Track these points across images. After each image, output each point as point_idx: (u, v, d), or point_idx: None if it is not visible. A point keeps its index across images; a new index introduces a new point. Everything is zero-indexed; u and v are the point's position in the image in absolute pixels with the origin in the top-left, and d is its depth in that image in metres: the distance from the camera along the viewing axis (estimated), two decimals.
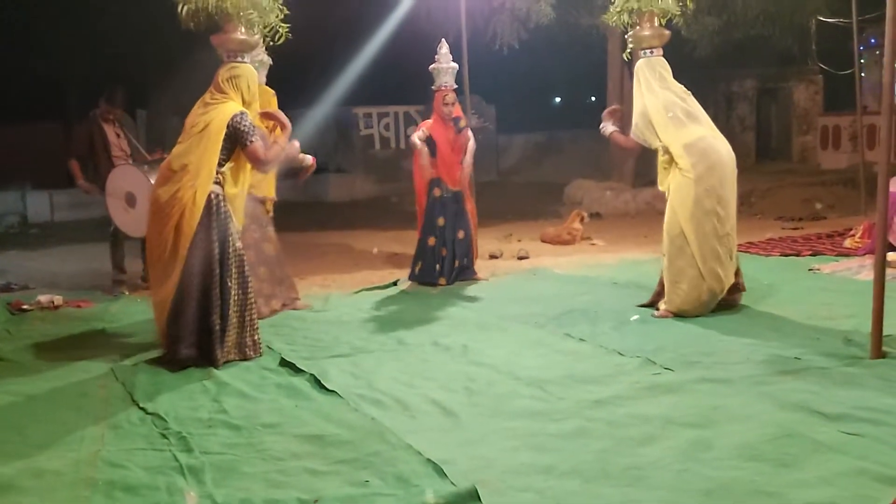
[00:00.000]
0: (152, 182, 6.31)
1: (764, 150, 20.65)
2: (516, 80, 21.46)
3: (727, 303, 6.25)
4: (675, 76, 6.42)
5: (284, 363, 5.19)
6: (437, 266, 7.93)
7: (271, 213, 6.97)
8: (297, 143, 6.32)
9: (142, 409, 4.43)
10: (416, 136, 7.88)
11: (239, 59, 5.49)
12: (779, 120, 20.84)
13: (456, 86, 8.10)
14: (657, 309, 6.25)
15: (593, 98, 26.75)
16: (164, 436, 4.01)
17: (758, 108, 20.71)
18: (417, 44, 14.70)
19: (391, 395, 4.47)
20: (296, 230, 11.08)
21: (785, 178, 16.43)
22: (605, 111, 6.90)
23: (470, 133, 8.07)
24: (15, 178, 16.92)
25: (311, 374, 4.85)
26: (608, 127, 6.78)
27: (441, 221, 7.98)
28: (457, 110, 8.08)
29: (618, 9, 6.50)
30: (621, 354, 5.15)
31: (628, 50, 6.85)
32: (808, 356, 4.95)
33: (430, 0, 12.51)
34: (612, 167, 15.36)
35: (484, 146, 18.53)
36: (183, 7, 5.37)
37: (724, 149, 6.16)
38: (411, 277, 8.03)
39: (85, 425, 4.21)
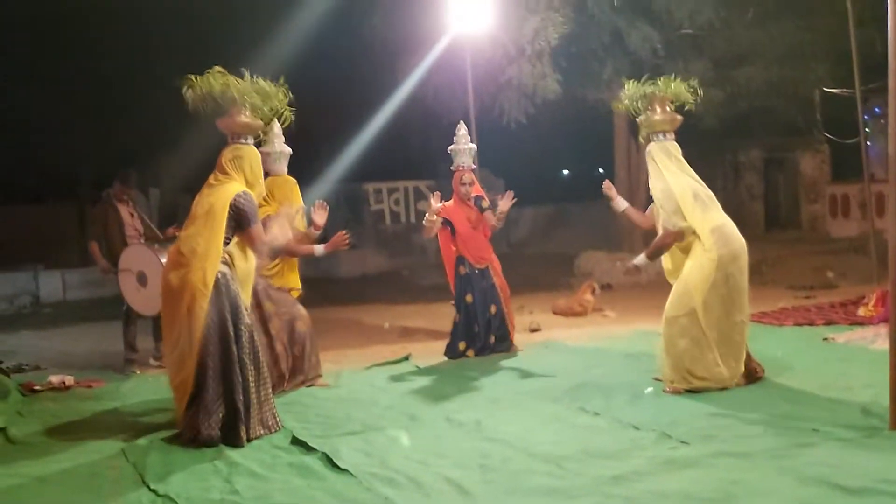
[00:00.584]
0: (163, 261, 6.51)
1: (773, 219, 20.75)
2: (524, 153, 21.67)
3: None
4: (683, 146, 6.41)
5: (296, 441, 5.14)
6: (466, 342, 8.07)
7: (298, 294, 7.10)
8: (319, 249, 6.62)
9: (152, 490, 4.38)
10: (427, 219, 8.02)
11: (242, 140, 5.61)
12: (787, 189, 20.97)
13: (474, 166, 8.31)
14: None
15: (601, 170, 27.00)
16: None
17: (765, 178, 20.88)
18: (426, 120, 14.99)
19: (404, 474, 4.41)
20: (307, 306, 11.00)
21: (795, 246, 16.46)
22: (605, 187, 6.90)
23: (490, 213, 8.11)
24: (28, 258, 17.08)
25: (323, 453, 4.80)
26: (621, 203, 6.86)
27: (469, 298, 8.11)
28: (476, 189, 8.18)
29: (631, 96, 6.47)
30: (637, 429, 5.08)
31: (642, 134, 6.65)
32: (826, 428, 4.88)
33: (438, 78, 12.71)
34: (622, 238, 15.41)
35: None
36: (189, 91, 5.52)
37: (739, 238, 6.13)
38: (446, 352, 8.13)
39: None
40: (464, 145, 8.27)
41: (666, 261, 6.35)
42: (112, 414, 6.35)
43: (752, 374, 6.19)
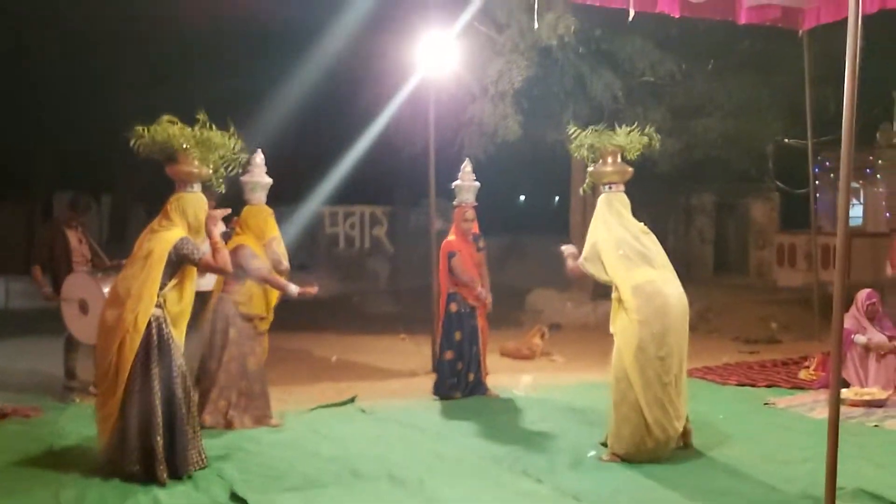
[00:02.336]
0: (105, 290, 6.62)
1: (721, 263, 21.09)
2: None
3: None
4: (635, 187, 6.33)
5: (235, 497, 5.08)
6: (455, 380, 8.16)
7: (262, 329, 7.08)
8: (293, 288, 6.93)
9: None
10: (453, 266, 8.15)
11: (188, 189, 5.74)
12: (736, 234, 21.34)
13: (476, 203, 8.37)
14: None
15: (556, 199, 27.23)
16: None
17: (717, 222, 21.21)
18: (386, 150, 14.99)
19: None
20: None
21: (742, 294, 16.71)
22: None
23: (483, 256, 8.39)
24: None
25: None
26: (566, 247, 6.81)
27: (458, 336, 8.19)
28: (474, 227, 8.28)
29: (577, 143, 6.43)
30: (577, 500, 5.11)
31: (586, 184, 6.62)
32: None
33: (400, 110, 12.73)
34: (573, 278, 15.51)
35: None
36: (137, 141, 5.67)
37: (673, 293, 6.02)
38: (434, 391, 8.23)
39: None
40: (468, 182, 8.37)
41: (612, 315, 6.20)
42: (47, 450, 6.18)
43: (688, 436, 6.19)
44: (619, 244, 6.06)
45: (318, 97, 15.08)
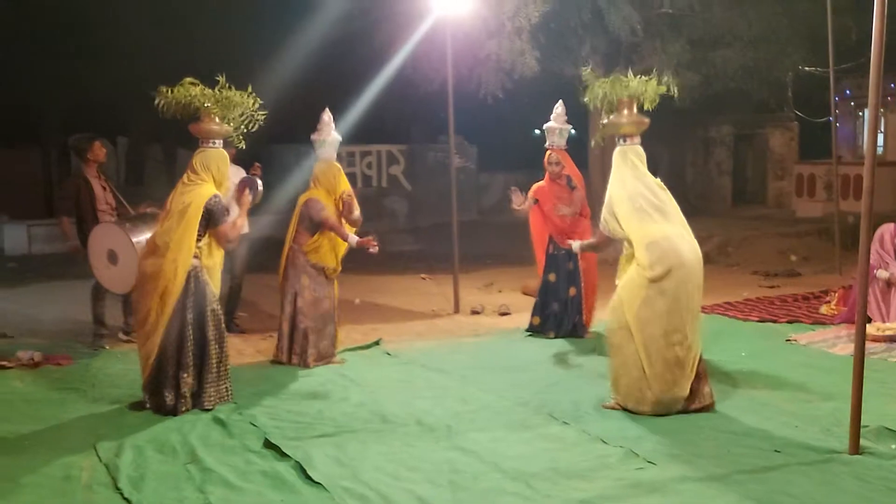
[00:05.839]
0: (133, 240, 6.91)
1: (740, 194, 20.96)
2: (498, 119, 21.61)
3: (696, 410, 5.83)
4: (653, 122, 6.08)
5: (269, 445, 5.19)
6: (541, 318, 8.39)
7: (333, 276, 7.52)
8: (353, 239, 7.28)
9: (126, 499, 4.42)
10: (525, 205, 8.26)
11: (210, 144, 6.12)
12: (755, 165, 21.17)
13: (565, 146, 8.33)
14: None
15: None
16: None
17: (735, 154, 21.02)
18: (402, 89, 14.89)
19: (376, 490, 4.47)
20: (274, 271, 10.92)
21: (761, 226, 16.66)
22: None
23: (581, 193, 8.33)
24: None
25: (297, 461, 4.85)
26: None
27: (552, 277, 8.36)
28: (569, 168, 8.22)
29: (591, 93, 6.17)
30: (604, 442, 5.19)
31: (599, 136, 6.43)
32: (787, 449, 5.03)
33: (417, 48, 12.61)
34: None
35: (465, 185, 18.77)
36: (161, 101, 5.98)
37: (688, 250, 5.73)
38: (528, 328, 8.46)
39: None
40: (558, 125, 8.30)
41: (620, 271, 5.97)
42: (82, 399, 6.34)
43: (700, 401, 5.78)
44: (633, 197, 5.82)
45: (335, 37, 14.91)
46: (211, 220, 5.98)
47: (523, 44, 12.51)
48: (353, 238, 7.29)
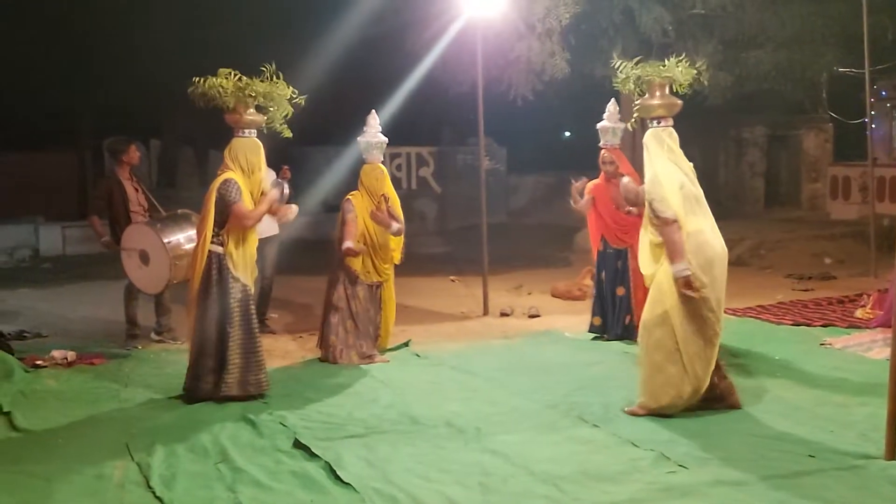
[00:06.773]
0: (165, 241, 7.21)
1: (773, 196, 20.71)
2: (528, 120, 21.56)
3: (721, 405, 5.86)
4: (686, 121, 6.02)
5: (298, 444, 5.20)
6: (601, 318, 8.32)
7: (368, 279, 7.66)
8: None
9: (158, 498, 4.45)
10: (582, 204, 8.33)
11: (240, 133, 6.27)
12: (788, 167, 20.91)
13: (618, 144, 8.28)
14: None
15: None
16: None
17: (768, 155, 20.79)
18: (432, 90, 14.89)
19: (406, 491, 4.47)
20: (306, 273, 11.09)
21: (794, 228, 16.46)
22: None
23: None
24: (27, 209, 17.04)
25: (326, 462, 4.86)
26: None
27: (603, 276, 8.31)
28: (624, 166, 8.08)
29: (624, 76, 6.16)
30: (635, 446, 5.15)
31: (633, 119, 6.30)
32: (822, 454, 4.96)
33: (447, 50, 12.61)
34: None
35: (494, 187, 18.72)
36: (196, 90, 6.13)
37: (719, 245, 5.72)
38: (590, 329, 8.42)
39: None
40: (612, 123, 8.20)
41: (645, 266, 5.90)
42: (115, 398, 6.41)
43: (718, 394, 5.80)
44: (679, 181, 5.74)
45: (365, 38, 14.96)
46: (225, 203, 6.09)
47: (554, 45, 12.47)
48: (395, 225, 7.57)
